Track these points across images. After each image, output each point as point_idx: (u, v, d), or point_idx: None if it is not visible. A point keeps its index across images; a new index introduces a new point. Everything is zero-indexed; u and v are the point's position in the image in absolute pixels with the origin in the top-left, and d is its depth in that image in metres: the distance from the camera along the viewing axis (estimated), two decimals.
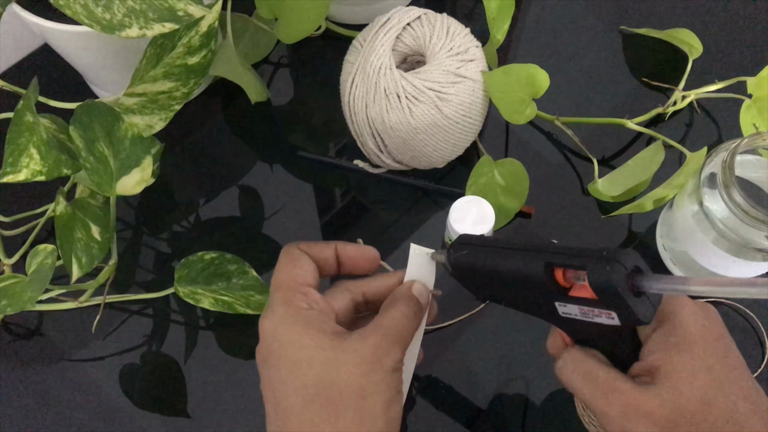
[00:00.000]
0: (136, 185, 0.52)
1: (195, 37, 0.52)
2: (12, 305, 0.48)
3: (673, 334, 0.38)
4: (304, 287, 0.40)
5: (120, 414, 0.55)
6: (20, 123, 0.46)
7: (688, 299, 0.39)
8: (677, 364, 0.37)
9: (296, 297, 0.40)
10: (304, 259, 0.42)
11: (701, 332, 0.38)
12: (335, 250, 0.43)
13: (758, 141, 0.48)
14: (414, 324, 0.41)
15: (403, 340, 0.39)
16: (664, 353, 0.37)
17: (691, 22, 0.68)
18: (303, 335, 0.38)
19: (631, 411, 0.36)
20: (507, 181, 0.59)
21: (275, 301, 0.40)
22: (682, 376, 0.36)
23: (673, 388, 0.36)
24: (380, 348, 0.38)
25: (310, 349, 0.38)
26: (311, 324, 0.38)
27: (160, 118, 0.53)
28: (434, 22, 0.56)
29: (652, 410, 0.36)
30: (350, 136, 0.61)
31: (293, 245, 0.43)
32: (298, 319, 0.39)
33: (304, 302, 0.40)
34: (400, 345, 0.39)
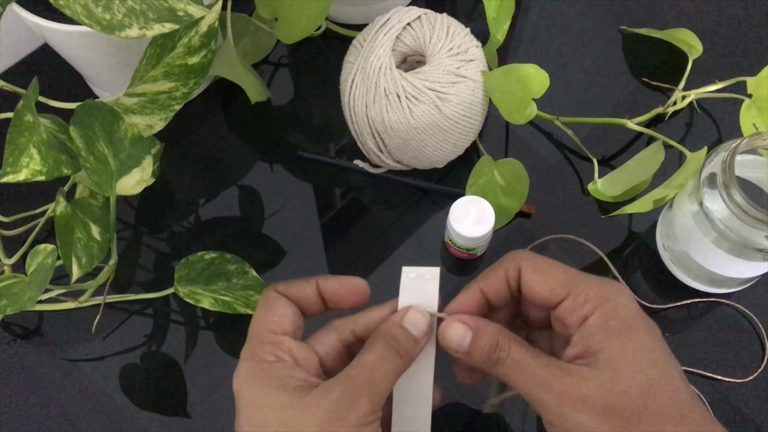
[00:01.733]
0: (136, 185, 0.52)
1: (195, 37, 0.52)
2: (12, 305, 0.48)
3: (613, 316, 0.36)
4: (275, 336, 0.37)
5: (120, 414, 0.55)
6: (20, 123, 0.46)
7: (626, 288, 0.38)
8: (618, 347, 0.35)
9: (263, 348, 0.36)
10: (279, 303, 0.38)
11: (641, 317, 0.36)
12: (316, 286, 0.39)
13: (758, 141, 0.48)
14: (397, 364, 0.37)
15: (376, 387, 0.35)
16: (604, 336, 0.35)
17: (691, 22, 0.68)
18: (262, 394, 0.35)
19: (568, 397, 0.34)
20: (507, 181, 0.59)
21: (242, 355, 0.37)
22: (624, 361, 0.34)
23: (613, 372, 0.34)
24: (342, 403, 0.34)
25: (267, 409, 0.34)
26: (273, 380, 0.35)
27: (160, 118, 0.53)
28: (434, 22, 0.56)
29: (589, 395, 0.34)
30: (350, 136, 0.61)
31: (270, 288, 0.39)
32: (259, 375, 0.36)
33: (272, 354, 0.36)
34: (368, 395, 0.35)
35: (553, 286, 0.37)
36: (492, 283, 0.39)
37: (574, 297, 0.37)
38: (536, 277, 0.38)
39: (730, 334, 0.57)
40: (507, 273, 0.39)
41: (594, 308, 0.36)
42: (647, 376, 0.34)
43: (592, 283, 0.37)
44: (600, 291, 0.36)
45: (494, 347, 0.37)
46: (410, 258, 0.60)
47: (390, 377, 0.36)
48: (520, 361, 0.36)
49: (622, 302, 0.36)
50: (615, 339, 0.35)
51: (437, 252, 0.61)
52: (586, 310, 0.36)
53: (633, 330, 0.35)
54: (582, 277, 0.37)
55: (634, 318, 0.36)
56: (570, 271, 0.38)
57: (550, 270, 0.38)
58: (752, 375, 0.55)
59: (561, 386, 0.35)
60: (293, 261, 0.60)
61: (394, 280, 0.59)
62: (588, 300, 0.36)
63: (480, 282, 0.39)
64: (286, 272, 0.60)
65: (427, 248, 0.61)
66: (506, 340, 0.37)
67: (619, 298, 0.36)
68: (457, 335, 0.38)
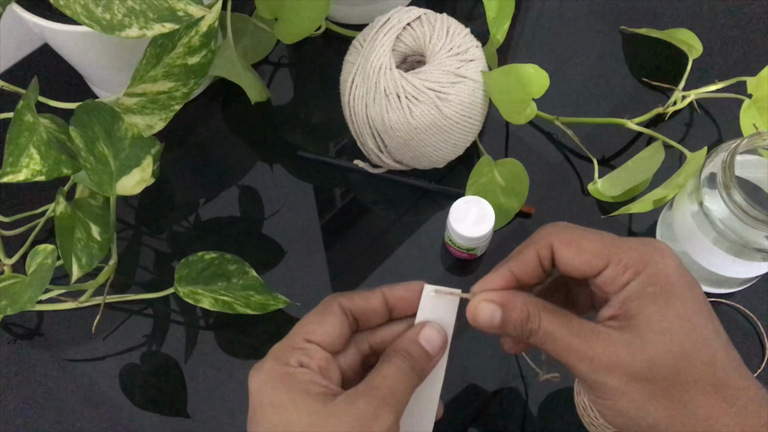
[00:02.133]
0: (136, 185, 0.52)
1: (195, 37, 0.52)
2: (12, 305, 0.48)
3: (653, 281, 0.35)
4: (307, 343, 0.37)
5: (120, 414, 0.55)
6: (20, 123, 0.46)
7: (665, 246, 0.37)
8: (654, 315, 0.34)
9: (290, 353, 0.37)
10: (331, 316, 0.38)
11: (681, 282, 0.35)
12: (382, 296, 0.40)
13: (758, 141, 0.48)
14: (413, 379, 0.37)
15: (396, 401, 0.36)
16: (641, 302, 0.35)
17: (691, 22, 0.68)
18: (286, 397, 0.35)
19: (600, 363, 0.34)
20: (507, 181, 0.59)
21: (268, 355, 0.37)
22: (657, 329, 0.34)
23: (645, 339, 0.34)
24: (367, 413, 0.34)
25: (291, 413, 0.35)
26: (297, 384, 0.35)
27: (160, 118, 0.53)
28: (434, 22, 0.56)
29: (620, 361, 0.34)
30: (350, 136, 0.61)
31: (335, 300, 0.39)
32: (283, 378, 0.36)
33: (296, 360, 0.37)
34: (392, 407, 0.35)
35: (590, 258, 0.36)
36: (524, 264, 0.38)
37: (614, 265, 0.36)
38: (571, 253, 0.37)
39: (730, 334, 0.56)
40: (539, 253, 0.38)
41: (635, 274, 0.35)
42: (681, 345, 0.34)
43: (630, 247, 0.36)
44: (639, 255, 0.36)
45: (525, 320, 0.37)
46: (410, 258, 0.60)
47: (408, 391, 0.37)
48: (551, 331, 0.36)
49: (662, 266, 0.35)
50: (651, 306, 0.34)
51: (437, 252, 0.61)
52: (627, 276, 0.35)
53: (671, 296, 0.35)
54: (619, 243, 0.36)
55: (674, 283, 0.35)
56: (605, 237, 0.37)
57: (584, 242, 0.37)
58: (752, 375, 0.55)
59: (592, 352, 0.34)
60: (293, 261, 0.60)
61: (394, 280, 0.59)
62: (628, 267, 0.35)
63: (510, 264, 0.38)
64: (286, 272, 0.60)
65: (427, 248, 0.61)
66: (536, 309, 0.37)
67: (660, 260, 0.35)
68: (487, 315, 0.37)
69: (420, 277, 0.59)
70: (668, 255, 0.36)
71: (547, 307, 0.37)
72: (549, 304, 0.37)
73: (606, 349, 0.34)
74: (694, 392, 0.34)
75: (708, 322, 0.35)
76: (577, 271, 0.37)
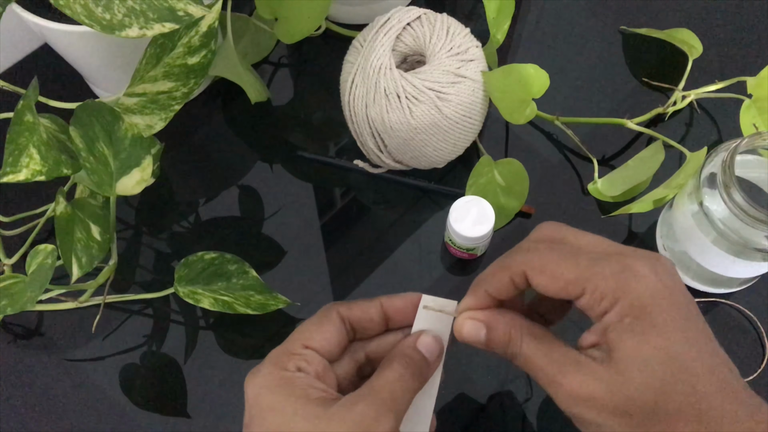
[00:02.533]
0: (136, 185, 0.52)
1: (195, 37, 0.52)
2: (12, 305, 0.48)
3: (629, 312, 0.34)
4: (305, 349, 0.38)
5: (120, 414, 0.55)
6: (20, 123, 0.46)
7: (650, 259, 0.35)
8: (630, 348, 0.33)
9: (288, 358, 0.37)
10: (329, 324, 0.39)
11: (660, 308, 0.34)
12: (380, 306, 0.40)
13: (758, 141, 0.48)
14: (412, 384, 0.37)
15: (397, 405, 0.35)
16: (618, 334, 0.34)
17: (691, 22, 0.68)
18: (284, 402, 0.35)
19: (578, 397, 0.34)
20: (507, 181, 0.59)
21: (266, 360, 0.37)
22: (635, 363, 0.33)
23: (623, 375, 0.33)
24: (368, 417, 0.34)
25: (291, 418, 0.34)
26: (296, 389, 0.35)
27: (160, 118, 0.53)
28: (434, 22, 0.56)
29: (599, 396, 0.33)
30: (350, 136, 0.61)
31: (333, 308, 0.39)
32: (282, 383, 0.36)
33: (294, 365, 0.37)
34: (392, 412, 0.35)
35: (564, 286, 0.36)
36: (499, 287, 0.38)
37: (589, 294, 0.35)
38: (545, 281, 0.36)
39: (730, 334, 0.57)
40: (513, 279, 0.37)
41: (611, 304, 0.34)
42: (660, 379, 0.33)
43: (606, 274, 0.35)
44: (615, 284, 0.34)
45: (507, 342, 0.37)
46: (410, 258, 0.60)
47: (408, 396, 0.36)
48: (531, 357, 0.36)
49: (639, 293, 0.34)
50: (629, 339, 0.34)
51: (437, 252, 0.61)
52: (604, 306, 0.35)
53: (647, 327, 0.34)
54: (595, 269, 0.35)
55: (650, 312, 0.34)
56: (581, 262, 0.35)
57: (558, 269, 0.36)
58: (752, 375, 0.55)
59: (570, 385, 0.34)
60: (293, 261, 0.60)
61: (394, 280, 0.59)
62: (604, 295, 0.34)
63: (485, 285, 0.38)
64: (286, 272, 0.60)
65: (427, 248, 0.61)
66: (518, 334, 0.37)
67: (636, 287, 0.34)
68: (472, 332, 0.38)
69: (420, 278, 0.59)
70: (647, 278, 0.34)
71: (531, 331, 0.37)
72: (535, 326, 0.37)
73: (584, 382, 0.34)
74: (676, 424, 0.33)
75: (689, 347, 0.34)
76: (555, 296, 0.36)
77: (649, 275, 0.34)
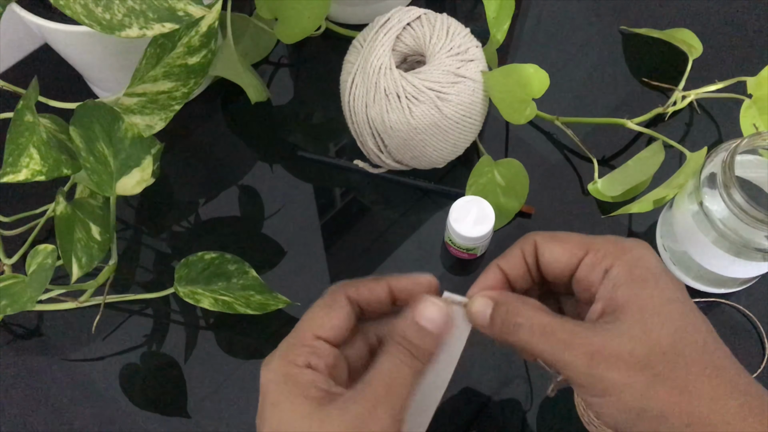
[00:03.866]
0: (136, 185, 0.52)
1: (195, 37, 0.52)
2: (12, 305, 0.48)
3: (638, 265, 0.35)
4: (316, 340, 0.37)
5: (120, 414, 0.55)
6: (20, 123, 0.46)
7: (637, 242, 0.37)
8: (646, 297, 0.34)
9: (299, 350, 0.36)
10: (339, 309, 0.38)
11: (665, 269, 0.36)
12: (388, 286, 0.39)
13: (758, 141, 0.48)
14: (412, 367, 0.35)
15: (395, 394, 0.34)
16: (629, 287, 0.34)
17: (691, 22, 0.68)
18: (285, 398, 0.35)
19: (600, 357, 0.33)
20: (507, 181, 0.59)
21: (278, 349, 0.37)
22: (653, 310, 0.34)
23: (643, 323, 0.33)
24: (361, 415, 0.33)
25: (287, 415, 0.34)
26: (297, 386, 0.35)
27: (160, 118, 0.53)
28: (434, 22, 0.56)
29: (621, 351, 0.33)
30: (350, 136, 0.61)
31: (341, 289, 0.39)
32: (287, 379, 0.35)
33: (304, 359, 0.36)
34: (389, 404, 0.34)
35: (570, 247, 0.37)
36: (509, 260, 0.39)
37: (593, 253, 0.37)
38: (552, 244, 0.38)
39: (730, 334, 0.57)
40: (523, 249, 0.39)
41: (614, 260, 0.36)
42: (676, 326, 0.34)
43: (610, 239, 0.37)
44: (616, 245, 0.36)
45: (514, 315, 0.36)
46: (410, 258, 0.60)
47: (408, 381, 0.35)
48: (544, 325, 0.35)
49: (640, 253, 0.36)
50: (642, 289, 0.34)
51: (437, 252, 0.61)
52: (607, 262, 0.36)
53: (659, 279, 0.35)
54: (599, 237, 0.38)
55: (658, 268, 0.35)
56: (585, 236, 0.38)
57: (566, 236, 0.38)
58: (752, 375, 0.55)
59: (590, 346, 0.33)
60: (293, 261, 0.60)
61: None
62: (607, 254, 0.36)
63: (498, 260, 0.40)
64: (286, 272, 0.60)
65: (427, 248, 0.61)
66: (525, 305, 0.37)
67: (637, 249, 0.36)
68: (480, 308, 0.38)
69: None
70: (647, 248, 0.37)
71: (538, 305, 0.37)
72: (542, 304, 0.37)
73: (604, 340, 0.33)
74: (696, 374, 0.33)
75: (695, 309, 0.35)
76: (558, 261, 0.38)
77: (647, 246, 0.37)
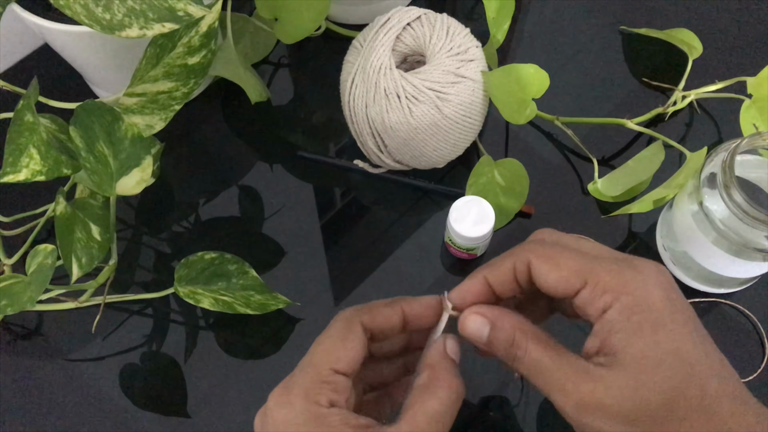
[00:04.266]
0: (136, 185, 0.52)
1: (195, 37, 0.52)
2: (12, 305, 0.48)
3: (636, 310, 0.33)
4: (335, 375, 0.35)
5: (120, 414, 0.55)
6: (20, 123, 0.46)
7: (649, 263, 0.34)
8: (642, 350, 0.32)
9: (321, 389, 0.35)
10: (355, 337, 0.36)
11: (668, 308, 0.33)
12: (402, 312, 0.38)
13: (758, 141, 0.48)
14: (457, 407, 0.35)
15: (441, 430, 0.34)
16: (625, 335, 0.33)
17: (691, 22, 0.68)
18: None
19: (588, 407, 0.32)
20: (507, 181, 0.59)
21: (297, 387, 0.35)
22: (647, 366, 0.32)
23: (636, 378, 0.32)
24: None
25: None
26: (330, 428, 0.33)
27: (160, 118, 0.53)
28: (434, 22, 0.56)
29: (610, 403, 0.32)
30: (350, 136, 0.61)
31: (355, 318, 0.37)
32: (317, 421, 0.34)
33: (327, 398, 0.34)
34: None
35: (567, 275, 0.35)
36: (499, 274, 0.37)
37: (591, 286, 0.34)
38: (548, 268, 0.35)
39: (730, 334, 0.57)
40: (515, 266, 0.36)
41: (613, 300, 0.33)
42: (671, 382, 0.32)
43: (610, 269, 0.34)
44: (618, 278, 0.33)
45: (511, 344, 0.35)
46: (410, 258, 0.60)
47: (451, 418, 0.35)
48: (539, 361, 0.34)
49: (644, 292, 0.33)
50: (637, 340, 0.32)
51: (437, 252, 0.61)
52: (605, 301, 0.33)
53: (657, 327, 0.33)
54: (599, 263, 0.34)
55: (658, 309, 0.33)
56: (585, 256, 0.35)
57: (562, 259, 0.35)
58: (752, 375, 0.55)
59: (579, 393, 0.33)
60: (293, 261, 0.60)
61: (394, 279, 0.59)
62: (606, 290, 0.33)
63: (485, 271, 0.37)
64: (286, 272, 0.60)
65: (427, 248, 0.61)
66: (524, 336, 0.35)
67: (641, 286, 0.33)
68: (476, 327, 0.37)
69: (420, 278, 0.59)
70: (651, 276, 0.34)
71: (537, 335, 0.35)
72: (540, 332, 0.36)
73: (595, 390, 0.33)
74: (687, 427, 0.32)
75: (697, 348, 0.33)
76: (554, 288, 0.35)
77: (652, 274, 0.34)
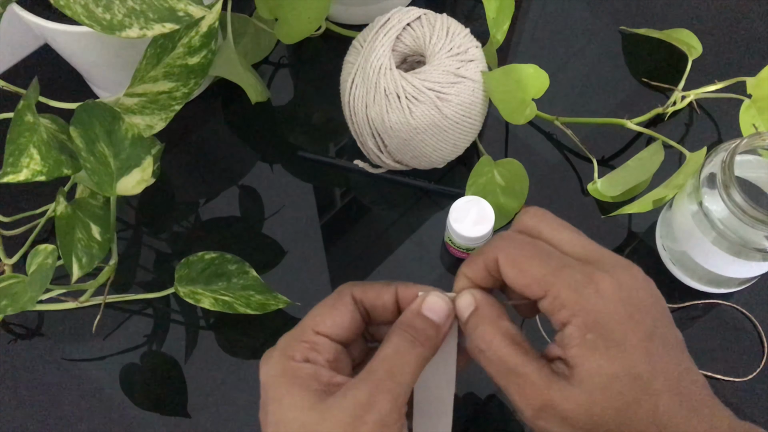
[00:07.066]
0: (137, 185, 0.52)
1: (195, 38, 0.52)
2: (12, 305, 0.48)
3: (591, 328, 0.33)
4: (315, 336, 0.36)
5: (120, 414, 0.55)
6: (20, 123, 0.46)
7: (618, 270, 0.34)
8: (596, 368, 0.33)
9: (297, 346, 0.36)
10: (343, 308, 0.37)
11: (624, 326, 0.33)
12: (395, 293, 0.38)
13: (758, 141, 0.48)
14: (415, 354, 0.35)
15: (396, 381, 0.34)
16: (580, 351, 0.33)
17: (691, 22, 0.68)
18: (286, 393, 0.35)
19: (545, 412, 0.33)
20: (507, 181, 0.59)
21: (277, 345, 0.37)
22: (598, 384, 0.33)
23: (589, 394, 0.33)
24: (361, 403, 0.33)
25: (288, 409, 0.34)
26: (297, 380, 0.35)
27: (160, 118, 0.54)
28: (434, 23, 0.56)
29: (566, 412, 0.33)
30: (350, 136, 0.61)
31: (348, 289, 0.38)
32: (287, 373, 0.35)
33: (302, 354, 0.36)
34: (389, 391, 0.33)
35: (529, 283, 0.35)
36: (475, 270, 0.38)
37: (551, 299, 0.34)
38: (513, 273, 0.35)
39: (729, 334, 0.57)
40: (486, 263, 0.37)
41: (570, 316, 0.34)
42: (623, 399, 0.33)
43: (570, 282, 0.34)
44: (576, 294, 0.34)
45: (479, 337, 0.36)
46: (410, 258, 0.60)
47: (410, 368, 0.35)
48: (503, 360, 0.35)
49: (600, 306, 0.33)
50: (592, 357, 0.33)
51: (437, 252, 0.61)
52: (563, 316, 0.34)
53: (610, 345, 0.33)
54: (560, 273, 0.34)
55: (612, 328, 0.33)
56: (549, 263, 0.35)
57: (527, 265, 0.35)
58: (751, 374, 0.55)
59: (538, 398, 0.34)
60: (293, 261, 0.60)
61: (394, 279, 0.59)
62: (564, 305, 0.34)
63: (464, 269, 0.38)
64: (286, 272, 0.60)
65: (427, 248, 0.61)
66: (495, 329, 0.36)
67: (599, 303, 0.33)
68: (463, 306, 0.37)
69: (420, 278, 0.59)
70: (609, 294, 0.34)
71: (511, 333, 0.36)
72: (515, 329, 0.36)
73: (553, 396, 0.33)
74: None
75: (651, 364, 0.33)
76: (519, 291, 0.36)
77: (611, 291, 0.34)
